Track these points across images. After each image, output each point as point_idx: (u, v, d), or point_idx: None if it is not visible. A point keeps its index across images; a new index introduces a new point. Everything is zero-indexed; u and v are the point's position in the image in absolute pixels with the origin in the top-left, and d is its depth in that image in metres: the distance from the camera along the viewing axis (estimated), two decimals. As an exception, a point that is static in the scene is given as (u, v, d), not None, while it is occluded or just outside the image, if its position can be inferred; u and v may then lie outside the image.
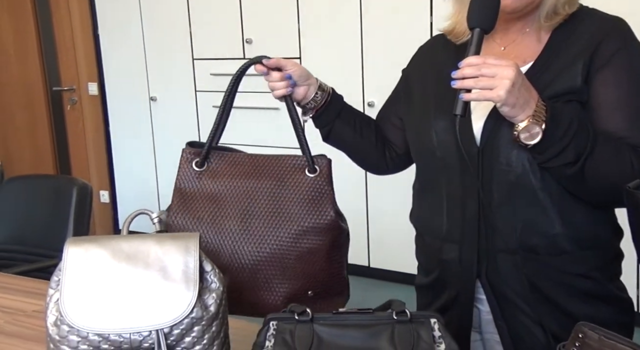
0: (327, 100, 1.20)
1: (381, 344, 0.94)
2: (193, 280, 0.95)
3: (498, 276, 1.06)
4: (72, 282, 0.94)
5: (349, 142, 1.25)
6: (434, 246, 1.13)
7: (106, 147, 4.26)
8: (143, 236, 0.99)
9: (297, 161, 1.15)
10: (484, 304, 1.09)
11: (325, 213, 1.12)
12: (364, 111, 2.42)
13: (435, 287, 1.14)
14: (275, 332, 0.98)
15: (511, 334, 1.06)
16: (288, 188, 1.13)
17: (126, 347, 0.93)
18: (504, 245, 1.04)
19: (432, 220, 1.13)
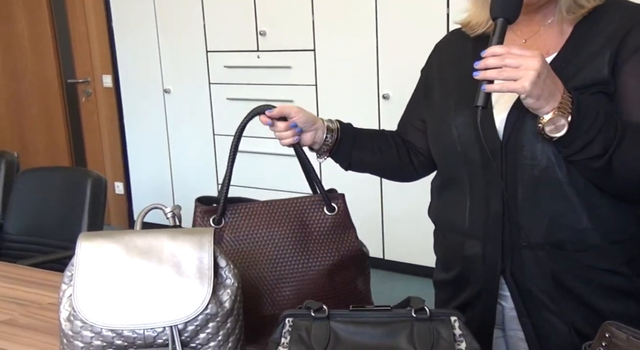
0: (338, 138, 1.18)
1: (399, 342, 0.92)
2: (207, 276, 0.94)
3: (522, 272, 1.03)
4: (85, 277, 0.92)
5: (372, 165, 1.24)
6: (456, 242, 1.10)
7: (121, 139, 4.27)
8: (156, 231, 0.97)
9: (313, 201, 1.16)
10: (508, 301, 1.07)
11: (351, 246, 1.14)
12: (378, 104, 2.43)
13: (456, 284, 1.12)
14: (291, 328, 0.96)
15: (536, 331, 1.04)
16: (311, 229, 1.14)
17: (140, 343, 0.92)
18: (529, 241, 1.01)
19: (454, 216, 1.10)
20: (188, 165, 3.93)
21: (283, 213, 1.15)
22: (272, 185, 3.42)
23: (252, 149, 3.52)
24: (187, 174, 3.94)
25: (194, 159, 3.89)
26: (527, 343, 1.05)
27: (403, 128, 1.26)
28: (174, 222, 1.06)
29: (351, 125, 1.22)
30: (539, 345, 1.04)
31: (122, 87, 4.11)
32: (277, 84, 3.41)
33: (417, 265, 3.19)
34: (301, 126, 1.13)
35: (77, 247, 0.94)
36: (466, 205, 1.07)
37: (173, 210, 1.06)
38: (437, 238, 1.19)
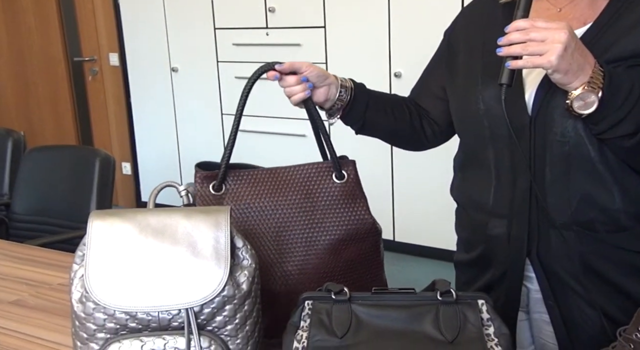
0: (352, 96, 1.11)
1: (424, 326, 0.88)
2: (224, 257, 0.90)
3: (549, 254, 0.99)
4: (97, 257, 0.89)
5: (384, 129, 1.17)
6: (480, 221, 1.06)
7: (127, 119, 4.23)
8: (170, 210, 0.93)
9: (321, 168, 1.07)
10: (533, 283, 1.03)
11: (361, 218, 1.06)
12: (390, 82, 2.34)
13: (478, 264, 1.08)
14: (311, 311, 0.92)
15: (563, 315, 1.00)
16: (318, 198, 1.06)
17: (154, 326, 0.88)
18: (557, 221, 0.96)
19: (478, 195, 1.05)
20: (196, 145, 3.89)
21: (288, 181, 1.07)
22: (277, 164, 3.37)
23: (258, 129, 3.47)
24: (195, 153, 3.91)
25: (202, 139, 3.85)
26: (552, 327, 1.01)
27: (419, 94, 1.20)
28: (188, 200, 1.02)
29: (364, 85, 1.15)
30: (565, 330, 1.00)
31: (129, 65, 4.06)
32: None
33: (428, 247, 3.16)
34: (313, 81, 1.06)
35: (88, 225, 0.91)
36: (491, 183, 1.03)
37: (187, 188, 1.02)
38: (459, 217, 1.15)
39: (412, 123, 1.17)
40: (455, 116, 1.10)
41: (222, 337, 0.90)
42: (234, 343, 0.90)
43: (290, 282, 1.06)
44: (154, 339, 0.87)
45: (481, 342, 0.85)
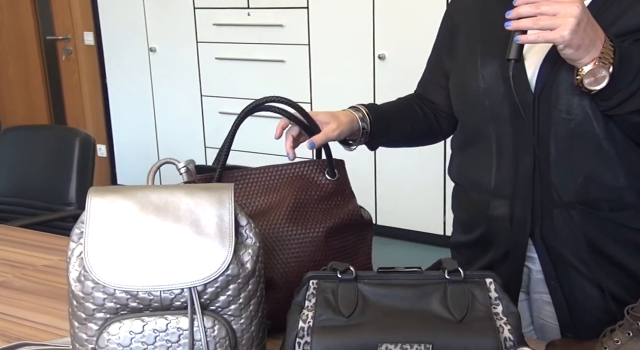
0: (370, 128, 1.11)
1: (432, 305, 0.87)
2: (228, 235, 0.87)
3: (553, 234, 0.99)
4: (97, 235, 0.85)
5: (402, 141, 1.20)
6: (481, 201, 1.05)
7: (103, 100, 4.13)
8: (172, 187, 0.90)
9: (313, 166, 1.10)
10: (535, 263, 1.03)
11: (352, 210, 1.10)
12: (374, 64, 2.29)
13: (478, 246, 1.07)
14: (316, 291, 0.91)
15: (565, 295, 1.00)
16: (310, 193, 1.08)
17: (156, 306, 0.85)
18: (561, 200, 0.96)
19: (479, 175, 1.05)
20: (174, 128, 3.83)
21: (281, 179, 1.10)
22: (267, 149, 3.34)
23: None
24: (173, 136, 3.84)
25: (180, 121, 3.78)
26: (554, 307, 1.02)
27: (426, 88, 1.19)
28: (188, 177, 0.99)
29: (378, 109, 1.13)
30: (567, 309, 1.00)
31: (105, 45, 3.96)
32: (268, 43, 3.30)
33: (410, 230, 3.17)
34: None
35: (87, 202, 0.87)
36: (492, 163, 1.02)
37: (187, 165, 0.99)
38: (458, 198, 1.14)
39: (427, 123, 1.17)
40: (453, 96, 1.09)
41: (226, 317, 0.88)
42: (238, 323, 0.88)
43: (287, 270, 1.05)
44: (156, 319, 0.85)
45: (490, 321, 0.85)
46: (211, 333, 0.85)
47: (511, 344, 0.84)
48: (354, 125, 1.08)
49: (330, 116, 1.05)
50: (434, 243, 3.06)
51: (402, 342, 0.84)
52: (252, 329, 0.90)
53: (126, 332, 0.84)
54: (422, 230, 3.10)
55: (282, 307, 1.04)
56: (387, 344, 0.84)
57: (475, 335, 0.83)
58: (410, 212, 3.12)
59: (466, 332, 0.84)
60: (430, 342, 0.84)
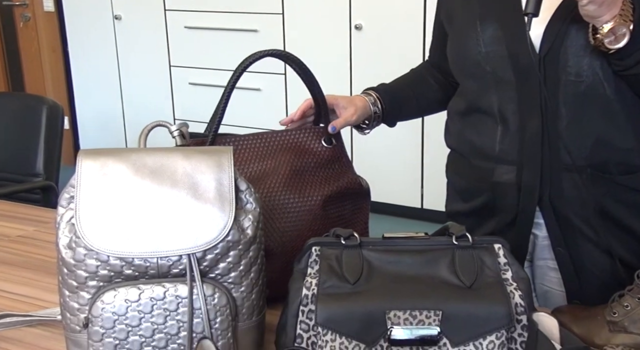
0: (383, 110, 1.14)
1: (440, 272, 0.85)
2: (228, 200, 0.83)
3: (561, 199, 0.97)
4: (88, 199, 0.80)
5: (418, 114, 1.22)
6: (484, 168, 1.03)
7: (65, 70, 3.97)
8: (168, 149, 0.85)
9: (308, 134, 1.08)
10: (542, 230, 1.01)
11: (350, 178, 1.08)
12: (350, 35, 2.19)
13: (480, 214, 1.05)
14: (319, 258, 0.87)
15: (573, 260, 0.99)
16: (307, 160, 1.06)
17: (153, 273, 0.81)
18: (571, 164, 0.94)
19: (481, 141, 1.02)
20: (141, 99, 3.71)
21: (276, 145, 1.06)
22: (254, 123, 3.25)
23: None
24: (140, 108, 3.73)
25: (147, 93, 3.67)
26: (560, 273, 1.01)
27: (434, 57, 1.18)
28: (181, 141, 0.93)
29: (390, 91, 1.15)
30: (575, 276, 1.00)
31: (66, 11, 3.79)
32: (240, 11, 3.21)
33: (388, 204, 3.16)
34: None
35: (77, 165, 0.81)
36: (496, 129, 1.00)
37: (180, 128, 0.94)
38: (456, 165, 1.11)
39: (443, 93, 1.16)
40: (453, 61, 1.06)
41: (226, 285, 0.84)
42: (238, 291, 0.84)
43: (285, 239, 1.01)
44: (153, 287, 0.80)
45: (501, 286, 0.83)
46: (211, 301, 0.81)
47: (522, 310, 0.82)
48: (367, 110, 1.11)
49: (348, 101, 1.08)
50: (411, 216, 3.06)
51: (410, 309, 0.82)
52: (253, 297, 0.86)
53: (121, 301, 0.79)
54: (400, 203, 3.10)
55: (279, 277, 1.00)
56: (395, 311, 0.82)
57: (486, 301, 0.81)
58: (387, 185, 3.10)
59: (476, 299, 0.82)
60: (439, 308, 0.82)
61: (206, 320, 0.81)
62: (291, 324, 0.85)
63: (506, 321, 0.81)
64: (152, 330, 0.80)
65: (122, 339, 0.79)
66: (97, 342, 0.79)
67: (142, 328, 0.79)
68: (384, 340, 0.82)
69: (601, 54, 0.88)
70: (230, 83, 1.00)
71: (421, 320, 0.82)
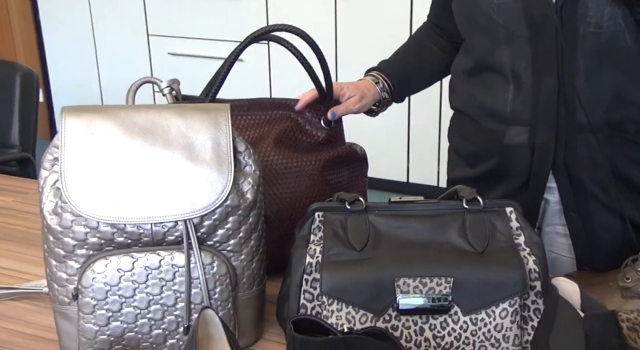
0: (391, 91, 1.10)
1: (450, 237, 0.81)
2: (227, 162, 0.77)
3: (575, 161, 0.93)
4: (74, 160, 0.74)
5: (423, 88, 1.18)
6: (495, 130, 0.98)
7: (37, 39, 3.82)
8: (159, 106, 0.79)
9: (309, 110, 1.02)
10: (554, 194, 0.97)
11: (348, 145, 1.05)
12: (335, 4, 2.03)
13: (488, 179, 1.01)
14: (322, 224, 0.83)
15: (585, 225, 0.95)
16: (303, 131, 1.02)
17: (147, 241, 0.75)
18: (587, 123, 0.90)
19: (491, 101, 0.97)
20: (118, 70, 3.59)
21: (275, 115, 1.01)
22: (237, 95, 3.15)
23: (217, 54, 3.24)
24: (117, 79, 3.61)
25: (125, 63, 3.55)
26: (571, 239, 0.97)
27: (438, 16, 1.12)
28: (173, 100, 0.87)
29: (396, 71, 1.10)
30: (586, 241, 0.96)
31: (37, -25, 3.63)
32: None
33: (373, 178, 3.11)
34: None
35: (60, 123, 0.75)
36: (508, 87, 0.95)
37: (171, 85, 0.87)
38: (462, 129, 1.06)
39: (447, 59, 1.12)
40: (460, 16, 1.00)
41: (225, 253, 0.78)
42: (238, 259, 0.79)
43: (282, 206, 0.96)
44: (147, 255, 0.75)
45: (514, 251, 0.79)
46: (210, 270, 0.76)
47: (536, 276, 0.79)
48: (376, 97, 1.08)
49: (355, 89, 1.05)
50: (397, 190, 3.03)
51: (420, 276, 0.78)
52: (254, 266, 0.81)
53: (113, 270, 0.74)
54: (385, 177, 3.06)
55: (276, 246, 0.96)
56: (404, 279, 0.78)
57: (499, 267, 0.78)
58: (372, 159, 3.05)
59: (489, 265, 0.78)
60: (450, 275, 0.78)
61: (205, 291, 0.76)
62: (294, 294, 0.80)
63: (520, 288, 0.77)
64: (148, 302, 0.75)
65: (116, 311, 0.74)
66: (88, 314, 0.74)
67: (136, 299, 0.74)
68: (393, 309, 0.78)
69: (623, 3, 0.83)
70: (235, 53, 0.93)
71: (432, 288, 0.78)
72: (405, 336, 0.79)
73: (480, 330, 0.78)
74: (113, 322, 0.74)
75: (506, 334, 0.78)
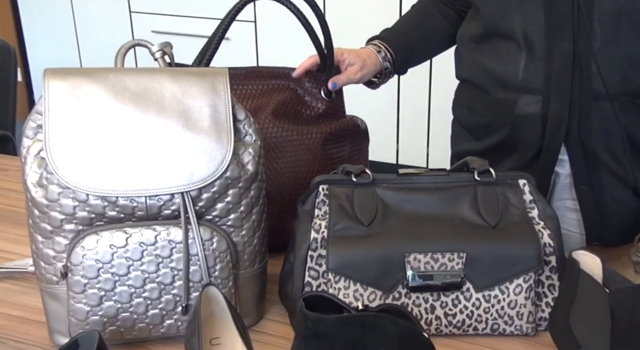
0: (394, 62, 1.05)
1: (462, 210, 0.77)
2: (226, 130, 0.72)
3: (590, 131, 0.89)
4: (60, 127, 0.68)
5: (428, 58, 1.13)
6: (505, 100, 0.93)
7: (13, 16, 3.69)
8: (151, 70, 0.73)
9: (309, 79, 0.97)
10: (565, 167, 0.94)
11: (350, 118, 1.01)
12: None
13: (495, 153, 0.96)
14: (327, 198, 0.78)
15: (596, 199, 0.92)
16: (303, 107, 0.97)
17: (141, 215, 0.70)
18: (602, 92, 0.86)
19: (502, 70, 0.93)
20: (99, 48, 3.48)
21: (273, 85, 0.96)
22: None
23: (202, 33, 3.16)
24: (98, 58, 3.50)
25: (106, 42, 3.44)
26: (581, 214, 0.94)
27: None
28: (165, 64, 0.81)
29: (399, 39, 1.05)
30: (597, 216, 0.93)
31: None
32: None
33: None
34: None
35: (44, 88, 0.69)
36: (519, 55, 0.90)
37: (162, 48, 0.81)
38: (469, 99, 1.01)
39: (452, 28, 1.07)
40: None
41: (225, 228, 0.74)
42: (239, 235, 0.75)
43: (282, 181, 0.92)
44: (142, 230, 0.69)
45: (528, 225, 0.75)
46: (209, 246, 0.72)
47: (551, 251, 0.75)
48: (377, 67, 1.03)
49: (355, 56, 0.99)
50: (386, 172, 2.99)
51: (432, 252, 0.74)
52: (255, 242, 0.76)
53: (105, 246, 0.68)
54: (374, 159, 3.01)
55: (276, 223, 0.91)
56: (415, 254, 0.74)
57: (513, 242, 0.74)
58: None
59: (502, 239, 0.74)
60: (463, 250, 0.74)
61: (204, 268, 0.71)
62: (299, 272, 0.76)
63: (535, 263, 0.74)
64: (143, 280, 0.70)
65: (109, 290, 0.69)
66: (78, 293, 0.68)
67: (131, 277, 0.69)
68: (403, 287, 0.74)
69: None
70: (231, 14, 0.87)
71: (443, 264, 0.74)
72: (416, 314, 0.75)
73: (494, 308, 0.75)
74: (106, 301, 0.69)
75: (520, 311, 0.75)
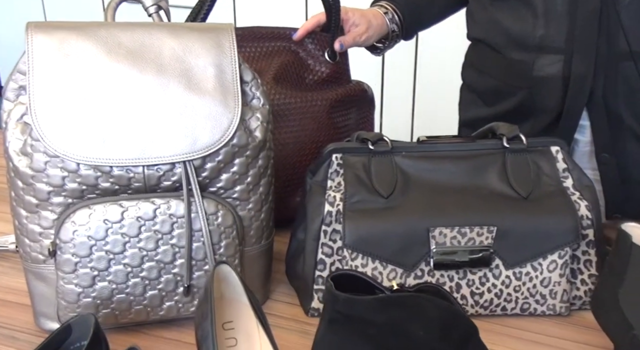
0: (402, 26, 0.99)
1: (490, 180, 0.71)
2: (232, 92, 0.64)
3: (615, 93, 0.83)
4: (46, 88, 0.60)
5: (436, 22, 1.06)
6: (522, 60, 0.87)
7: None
8: (147, 24, 0.65)
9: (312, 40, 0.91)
10: (585, 133, 0.88)
11: (355, 82, 0.94)
12: None
13: (510, 118, 0.89)
14: (341, 167, 0.71)
15: (619, 168, 0.86)
16: (309, 65, 0.91)
17: (138, 187, 0.63)
18: (628, 51, 0.80)
19: (519, 28, 0.86)
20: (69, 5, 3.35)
21: (275, 47, 0.89)
22: None
23: None
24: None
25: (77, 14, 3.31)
26: (602, 184, 0.88)
27: None
28: (160, 20, 0.73)
29: (405, 3, 0.99)
30: (620, 186, 0.87)
31: None
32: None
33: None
34: None
35: (27, 42, 0.60)
36: (538, 11, 0.84)
37: (157, 2, 0.73)
38: (482, 61, 0.95)
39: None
40: None
41: (230, 201, 0.66)
42: (245, 209, 0.68)
43: (285, 152, 0.85)
44: (140, 204, 0.62)
45: (564, 196, 0.69)
46: (214, 221, 0.64)
47: (589, 223, 0.69)
48: (384, 28, 0.97)
49: (361, 16, 0.93)
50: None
51: (459, 226, 0.67)
52: (262, 217, 0.69)
53: (99, 221, 0.61)
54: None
55: (280, 197, 0.84)
56: (440, 228, 0.67)
57: (547, 214, 0.68)
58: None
59: (536, 212, 0.68)
60: (493, 224, 0.67)
61: (209, 245, 0.64)
62: (311, 249, 0.69)
63: (572, 237, 0.68)
64: (141, 258, 0.62)
65: (102, 270, 0.61)
66: (69, 273, 0.61)
67: (127, 255, 0.62)
68: (426, 264, 0.68)
69: None
70: None
71: (471, 239, 0.68)
72: (440, 294, 0.69)
73: (525, 286, 0.69)
74: (99, 282, 0.62)
75: (554, 289, 0.69)
